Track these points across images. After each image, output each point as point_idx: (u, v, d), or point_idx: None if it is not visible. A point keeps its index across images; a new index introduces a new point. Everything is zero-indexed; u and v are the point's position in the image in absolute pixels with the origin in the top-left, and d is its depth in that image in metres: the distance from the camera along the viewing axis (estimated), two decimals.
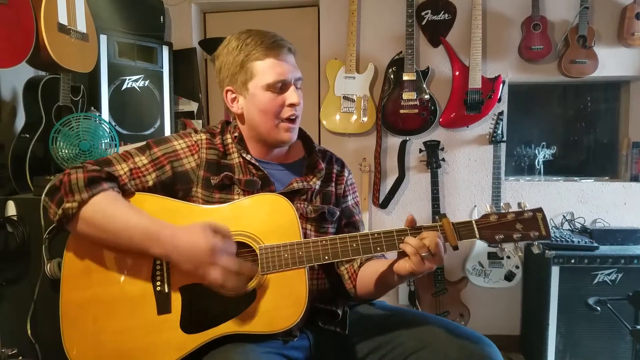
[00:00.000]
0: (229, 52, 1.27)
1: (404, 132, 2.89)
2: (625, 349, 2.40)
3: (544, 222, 1.13)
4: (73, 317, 1.16)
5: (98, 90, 2.48)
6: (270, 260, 1.14)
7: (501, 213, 1.15)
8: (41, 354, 1.91)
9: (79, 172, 1.15)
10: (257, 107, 1.25)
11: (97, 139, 2.02)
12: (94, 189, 1.13)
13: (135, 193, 1.21)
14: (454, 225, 1.13)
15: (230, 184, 1.26)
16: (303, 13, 3.11)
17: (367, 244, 1.14)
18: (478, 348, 1.15)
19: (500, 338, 2.83)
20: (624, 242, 2.57)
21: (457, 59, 2.84)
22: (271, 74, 1.23)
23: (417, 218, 1.19)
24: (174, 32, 3.02)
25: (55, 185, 1.16)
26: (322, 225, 1.32)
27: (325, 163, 1.39)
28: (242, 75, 1.25)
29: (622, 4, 2.79)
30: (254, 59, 1.23)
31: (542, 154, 3.10)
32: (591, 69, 2.77)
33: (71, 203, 1.12)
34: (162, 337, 1.12)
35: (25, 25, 1.73)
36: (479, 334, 1.21)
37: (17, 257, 1.91)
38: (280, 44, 1.24)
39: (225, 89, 1.30)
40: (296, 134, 1.32)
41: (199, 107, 2.91)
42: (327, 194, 1.36)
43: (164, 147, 1.26)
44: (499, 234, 1.13)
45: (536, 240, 1.13)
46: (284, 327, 1.11)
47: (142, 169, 1.22)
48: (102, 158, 1.24)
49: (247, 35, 1.25)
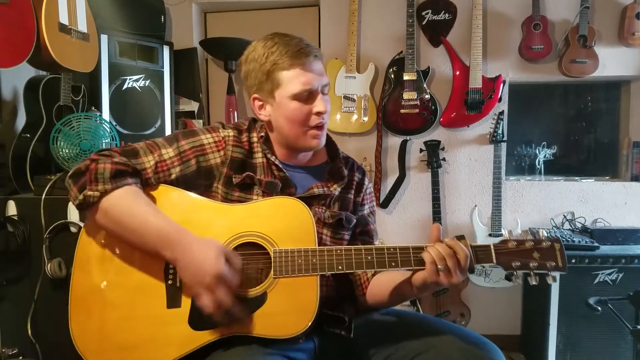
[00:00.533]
0: (254, 59, 1.24)
1: (404, 132, 2.89)
2: (625, 349, 2.40)
3: (562, 253, 1.13)
4: (82, 301, 1.15)
5: (99, 90, 2.48)
6: (283, 264, 1.13)
7: (519, 240, 1.14)
8: (41, 354, 1.91)
9: (107, 163, 1.14)
10: (284, 116, 1.24)
11: (97, 138, 2.02)
12: (119, 182, 1.13)
13: (158, 185, 1.21)
14: (472, 248, 1.13)
15: (251, 184, 1.25)
16: (303, 13, 3.11)
17: (382, 257, 1.14)
18: (481, 351, 1.16)
19: (500, 338, 2.83)
20: (624, 241, 2.57)
21: (458, 58, 2.84)
22: (297, 84, 1.21)
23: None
24: (174, 31, 3.02)
25: (81, 170, 1.15)
26: (338, 231, 1.31)
27: (348, 170, 1.37)
28: (268, 84, 1.23)
29: (623, 4, 2.79)
30: (279, 69, 1.21)
31: (543, 154, 3.10)
32: (591, 69, 2.77)
33: (93, 192, 1.12)
34: (169, 331, 1.12)
35: (26, 25, 1.73)
36: (483, 337, 1.21)
37: (18, 257, 1.91)
38: (306, 51, 1.21)
39: (253, 96, 1.29)
40: (324, 140, 1.30)
41: (199, 107, 2.91)
42: (345, 200, 1.35)
43: (191, 140, 1.25)
44: (515, 261, 1.13)
45: (552, 271, 1.12)
46: (293, 334, 1.10)
47: (167, 162, 1.21)
48: (129, 147, 1.22)
49: (273, 42, 1.22)
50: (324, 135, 1.30)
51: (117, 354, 1.13)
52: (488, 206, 2.87)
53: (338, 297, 1.32)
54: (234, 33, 2.91)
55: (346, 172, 1.36)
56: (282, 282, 1.14)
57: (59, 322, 1.17)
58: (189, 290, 1.12)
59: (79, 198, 1.13)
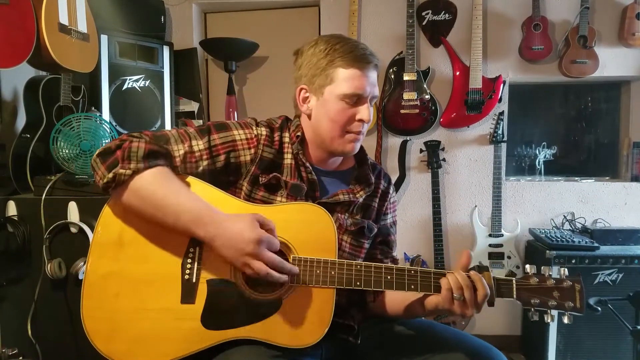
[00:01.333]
0: (314, 53, 1.23)
1: (404, 132, 2.89)
2: (625, 349, 2.40)
3: (581, 294, 1.12)
4: (95, 287, 1.13)
5: (99, 90, 2.48)
6: (301, 272, 1.12)
7: (542, 276, 1.13)
8: (42, 354, 1.91)
9: (140, 142, 1.12)
10: (327, 114, 1.22)
11: (97, 139, 2.02)
12: (152, 162, 1.12)
13: (183, 175, 1.19)
14: (495, 281, 1.12)
15: (276, 185, 1.24)
16: (304, 13, 3.11)
17: (402, 279, 1.13)
18: (486, 357, 1.16)
19: (501, 338, 2.84)
20: (624, 242, 2.57)
21: (458, 59, 2.84)
22: (350, 85, 1.19)
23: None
24: (174, 32, 3.02)
25: (110, 148, 1.12)
26: (358, 239, 1.30)
27: (374, 177, 1.35)
28: (321, 79, 1.22)
29: (623, 4, 2.79)
30: (338, 66, 1.20)
31: (543, 154, 3.10)
32: (592, 69, 2.77)
33: (126, 169, 1.09)
34: (180, 326, 1.11)
35: (26, 25, 1.73)
36: (487, 344, 1.21)
37: (18, 257, 1.91)
38: (369, 58, 1.21)
39: (300, 86, 1.27)
40: (358, 147, 1.29)
41: (199, 107, 2.91)
42: (369, 208, 1.33)
43: (223, 134, 1.23)
44: (535, 298, 1.12)
45: (569, 312, 1.12)
46: (304, 345, 1.10)
47: (196, 154, 1.19)
48: (159, 132, 1.21)
49: (338, 40, 1.22)
50: (360, 142, 1.28)
51: (125, 344, 1.11)
52: (488, 206, 2.87)
53: (348, 303, 1.30)
54: (234, 33, 2.91)
55: (373, 179, 1.34)
56: (298, 290, 1.13)
57: (59, 322, 1.17)
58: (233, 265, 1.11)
59: (108, 176, 1.10)
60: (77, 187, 1.93)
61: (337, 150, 1.26)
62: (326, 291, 1.13)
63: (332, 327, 1.20)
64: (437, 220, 2.77)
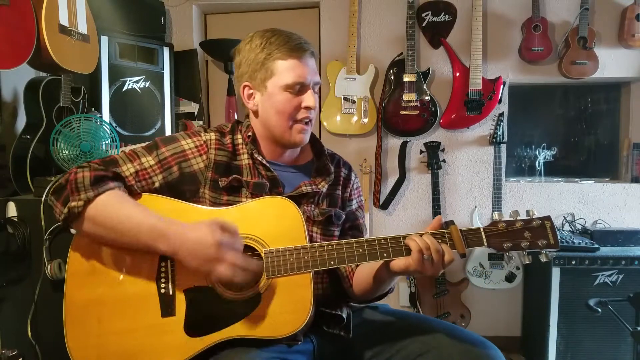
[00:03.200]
0: (251, 48, 1.26)
1: (404, 133, 2.89)
2: (626, 350, 2.40)
3: (553, 230, 1.12)
4: (77, 317, 1.15)
5: (99, 92, 2.48)
6: (275, 264, 1.13)
7: (509, 221, 1.13)
8: (42, 355, 1.91)
9: (85, 171, 1.14)
10: (273, 106, 1.25)
11: (97, 140, 2.02)
12: (100, 187, 1.13)
13: (141, 194, 1.21)
14: (462, 233, 1.13)
15: (238, 186, 1.25)
16: (304, 14, 3.11)
17: (374, 249, 1.14)
18: (481, 352, 1.16)
19: (501, 339, 2.83)
20: (624, 243, 2.57)
21: (458, 60, 2.84)
22: (291, 75, 1.22)
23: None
24: (174, 33, 3.03)
25: (61, 184, 1.15)
26: (328, 228, 1.32)
27: (334, 166, 1.38)
28: (262, 73, 1.24)
29: (623, 5, 2.79)
30: (276, 58, 1.22)
31: (543, 155, 3.10)
32: (592, 70, 2.78)
33: (77, 202, 1.11)
34: (165, 340, 1.12)
35: (27, 26, 1.73)
36: (483, 338, 1.21)
37: (18, 258, 1.91)
38: (304, 47, 1.24)
39: (243, 84, 1.29)
40: (309, 137, 1.31)
41: (199, 109, 2.91)
42: (334, 197, 1.35)
43: (172, 146, 1.24)
44: (507, 242, 1.12)
45: (544, 249, 1.12)
46: (289, 333, 1.10)
47: (148, 170, 1.21)
48: (108, 157, 1.22)
49: (272, 34, 1.25)
50: (309, 131, 1.31)
51: None
52: (488, 207, 2.87)
53: (334, 294, 1.32)
54: (234, 34, 2.91)
55: (332, 169, 1.36)
56: (276, 282, 1.14)
57: (59, 323, 1.17)
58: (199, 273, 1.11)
59: (64, 212, 1.12)
60: None
61: (288, 142, 1.28)
62: (303, 277, 1.14)
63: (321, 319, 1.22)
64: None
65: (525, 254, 1.15)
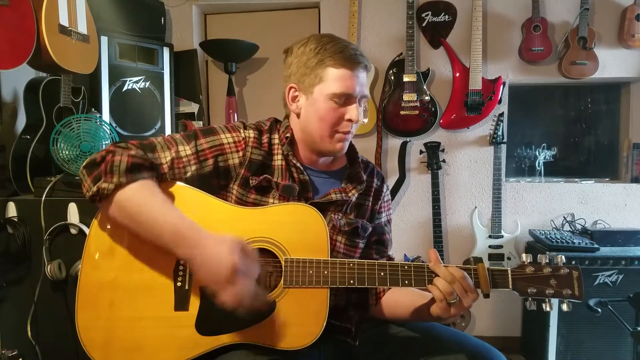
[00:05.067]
0: (305, 51, 1.23)
1: (404, 134, 2.89)
2: (626, 351, 2.40)
3: (579, 281, 1.10)
4: (89, 297, 1.14)
5: (99, 92, 2.48)
6: (294, 274, 1.12)
7: (537, 265, 1.12)
8: (41, 356, 1.91)
9: (123, 155, 1.10)
10: (316, 113, 1.22)
11: (97, 140, 2.02)
12: (135, 175, 1.10)
13: (172, 182, 1.19)
14: (489, 272, 1.11)
15: (267, 187, 1.23)
16: (304, 14, 3.11)
17: (396, 275, 1.12)
18: (486, 358, 1.16)
19: (501, 340, 2.84)
20: (624, 243, 2.57)
21: (458, 60, 2.84)
22: (340, 85, 1.19)
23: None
24: (174, 33, 3.03)
25: (96, 161, 1.12)
26: (353, 239, 1.29)
27: (367, 175, 1.35)
28: (311, 77, 1.22)
29: (623, 6, 2.79)
30: (328, 65, 1.20)
31: (543, 155, 3.10)
32: (591, 71, 2.78)
33: (108, 184, 1.08)
34: (174, 334, 1.11)
35: (27, 26, 1.73)
36: (488, 345, 1.21)
37: (18, 259, 1.91)
38: (359, 59, 1.21)
39: (290, 85, 1.26)
40: (346, 147, 1.29)
41: (199, 109, 2.91)
42: (362, 207, 1.33)
43: (211, 139, 1.22)
44: (532, 288, 1.11)
45: (568, 299, 1.10)
46: (299, 346, 1.09)
47: (183, 160, 1.19)
48: (146, 141, 1.20)
49: (329, 40, 1.22)
50: (348, 142, 1.28)
51: (121, 353, 1.12)
52: (488, 208, 2.87)
53: (345, 305, 1.29)
54: (234, 35, 2.91)
55: (365, 177, 1.33)
56: (292, 292, 1.12)
57: (59, 323, 1.17)
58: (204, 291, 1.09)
59: (92, 190, 1.09)
60: (77, 189, 1.93)
61: (326, 150, 1.26)
62: (320, 291, 1.12)
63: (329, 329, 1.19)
64: (437, 221, 2.77)
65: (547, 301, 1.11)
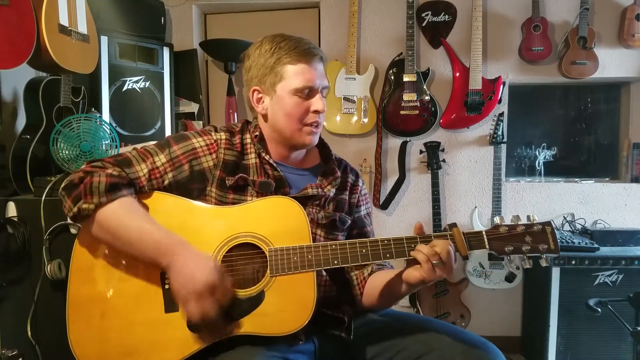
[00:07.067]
0: (261, 53, 1.27)
1: (404, 133, 2.89)
2: (626, 350, 2.40)
3: (553, 236, 1.14)
4: (80, 311, 1.16)
5: (99, 92, 2.48)
6: (279, 262, 1.14)
7: (511, 225, 1.16)
8: (42, 355, 1.91)
9: (102, 176, 1.14)
10: (282, 110, 1.26)
11: (97, 140, 2.02)
12: (114, 194, 1.14)
13: (150, 193, 1.22)
14: (465, 235, 1.14)
15: (244, 185, 1.26)
16: (304, 14, 3.12)
17: (377, 250, 1.15)
18: (482, 353, 1.16)
19: (501, 339, 2.83)
20: (624, 243, 2.57)
21: (458, 60, 2.84)
22: (300, 80, 1.24)
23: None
24: (174, 33, 3.03)
25: (74, 182, 1.15)
26: (332, 232, 1.32)
27: (341, 172, 1.38)
28: (271, 77, 1.26)
29: (623, 5, 2.79)
30: (285, 63, 1.24)
31: (543, 155, 3.10)
32: (591, 70, 2.78)
33: (89, 204, 1.12)
34: (167, 335, 1.13)
35: (26, 26, 1.73)
36: (484, 339, 1.21)
37: (18, 258, 1.91)
38: (314, 51, 1.26)
39: (252, 88, 1.30)
40: (317, 138, 1.33)
41: (199, 108, 2.91)
42: (340, 201, 1.36)
43: (183, 145, 1.26)
44: (508, 246, 1.15)
45: (545, 254, 1.14)
46: (291, 330, 1.11)
47: (160, 169, 1.23)
48: (120, 156, 1.23)
49: (282, 38, 1.26)
50: (318, 134, 1.32)
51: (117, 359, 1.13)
52: (488, 207, 2.87)
53: (337, 297, 1.32)
54: (234, 34, 2.91)
55: (339, 173, 1.37)
56: (280, 280, 1.14)
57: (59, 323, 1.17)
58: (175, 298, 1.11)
59: (73, 210, 1.14)
60: None
61: (297, 143, 1.30)
62: (307, 276, 1.15)
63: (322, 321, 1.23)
64: (437, 221, 2.77)
65: (525, 258, 1.16)
